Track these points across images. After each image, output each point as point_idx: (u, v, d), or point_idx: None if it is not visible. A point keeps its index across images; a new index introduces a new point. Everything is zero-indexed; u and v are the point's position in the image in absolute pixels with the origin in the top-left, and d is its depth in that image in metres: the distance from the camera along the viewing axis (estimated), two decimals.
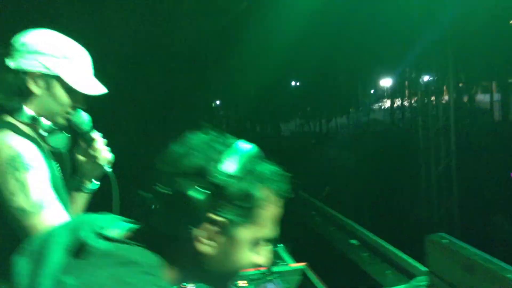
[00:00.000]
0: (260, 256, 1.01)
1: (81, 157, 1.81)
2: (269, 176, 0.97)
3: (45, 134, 1.63)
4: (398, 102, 26.51)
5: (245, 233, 0.96)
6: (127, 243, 0.94)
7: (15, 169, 1.45)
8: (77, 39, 1.71)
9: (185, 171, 0.92)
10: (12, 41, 1.63)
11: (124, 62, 9.66)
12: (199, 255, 0.94)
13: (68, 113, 1.68)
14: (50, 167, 1.58)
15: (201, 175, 0.91)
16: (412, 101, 21.88)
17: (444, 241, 1.61)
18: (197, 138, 0.97)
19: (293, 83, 22.27)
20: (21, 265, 0.96)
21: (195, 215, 0.91)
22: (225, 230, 0.94)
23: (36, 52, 1.59)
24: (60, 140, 1.67)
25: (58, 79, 1.62)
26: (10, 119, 1.59)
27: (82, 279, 0.88)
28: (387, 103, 27.69)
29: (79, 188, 1.83)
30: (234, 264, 0.98)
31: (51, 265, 0.93)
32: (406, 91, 23.92)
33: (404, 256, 2.26)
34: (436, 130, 8.28)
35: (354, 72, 20.91)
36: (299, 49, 14.16)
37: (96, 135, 1.79)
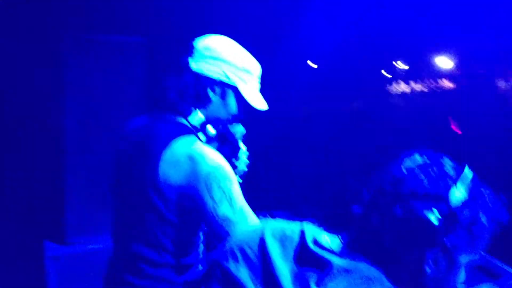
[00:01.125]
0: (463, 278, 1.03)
1: None
2: (491, 203, 0.98)
3: (204, 138, 1.65)
4: None
5: (463, 257, 0.98)
6: (353, 258, 0.95)
7: (219, 179, 1.46)
8: None
9: (425, 195, 0.92)
10: (194, 43, 1.61)
11: None
12: (418, 274, 0.96)
13: (228, 122, 1.70)
14: None
15: (439, 200, 0.92)
16: None
17: None
18: (421, 160, 0.98)
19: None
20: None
21: (430, 238, 0.92)
22: (449, 253, 0.95)
23: (220, 59, 1.59)
24: (214, 147, 1.68)
25: (235, 89, 1.63)
26: (182, 120, 1.59)
27: None
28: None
29: None
30: (446, 285, 0.99)
31: (282, 274, 0.95)
32: None
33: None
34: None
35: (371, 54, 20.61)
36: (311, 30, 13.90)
37: (243, 146, 1.83)
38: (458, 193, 0.93)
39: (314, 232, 1.03)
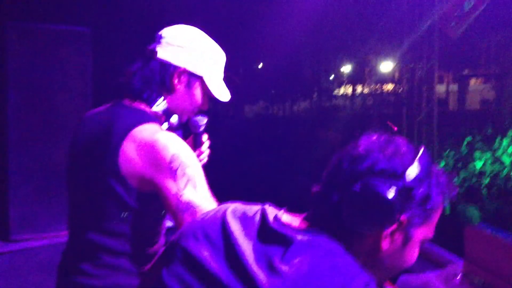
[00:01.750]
0: (416, 256, 1.06)
1: None
2: (442, 180, 1.02)
3: (168, 127, 1.60)
4: (359, 89, 26.89)
5: (419, 234, 1.01)
6: (315, 234, 0.96)
7: (183, 165, 1.42)
8: None
9: (380, 172, 0.96)
10: (163, 32, 1.58)
11: None
12: (376, 250, 0.99)
13: (193, 112, 1.67)
14: None
15: (395, 177, 0.95)
16: (374, 89, 22.23)
17: (484, 230, 1.58)
18: (377, 140, 1.02)
19: (259, 65, 22.15)
20: (201, 253, 0.98)
21: (386, 214, 0.94)
22: (404, 229, 0.98)
23: (188, 49, 1.58)
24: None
25: (201, 80, 1.61)
26: (145, 107, 1.56)
27: (296, 266, 0.90)
28: (347, 90, 27.99)
29: None
30: (403, 261, 1.03)
31: (245, 252, 0.95)
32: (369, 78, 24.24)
33: (429, 244, 2.24)
34: (419, 119, 8.38)
35: (318, 57, 21.04)
36: (265, 30, 14.09)
37: (205, 138, 1.80)
38: (413, 171, 0.96)
39: (274, 212, 1.04)
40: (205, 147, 1.82)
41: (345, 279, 0.88)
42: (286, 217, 1.03)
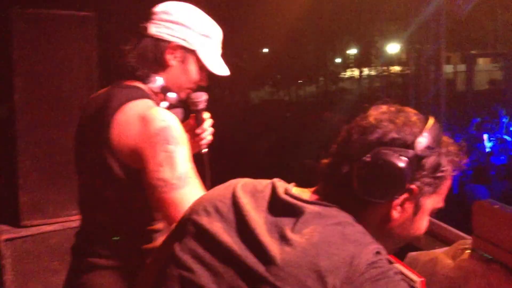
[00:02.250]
0: (426, 226, 1.07)
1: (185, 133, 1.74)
2: (452, 149, 1.02)
3: (166, 104, 1.59)
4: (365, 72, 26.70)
5: (428, 203, 1.02)
6: (325, 205, 0.97)
7: (165, 141, 1.41)
8: None
9: (391, 141, 0.96)
10: (155, 8, 1.57)
11: None
12: (387, 219, 1.00)
13: (191, 89, 1.66)
14: None
15: (405, 146, 0.96)
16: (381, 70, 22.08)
17: (493, 205, 1.58)
18: (387, 110, 1.02)
19: (264, 50, 22.02)
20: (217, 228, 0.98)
21: (397, 183, 0.95)
22: (415, 198, 0.99)
23: (179, 24, 1.56)
24: (177, 114, 1.58)
25: (194, 54, 1.59)
26: (141, 85, 1.56)
27: (307, 236, 0.90)
28: (354, 72, 27.80)
29: None
30: (413, 230, 1.04)
31: (257, 224, 0.95)
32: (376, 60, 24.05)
33: (437, 222, 2.24)
34: (426, 100, 8.34)
35: (323, 39, 20.88)
36: (269, 15, 13.99)
37: (207, 116, 1.77)
38: (423, 140, 0.97)
39: (284, 185, 1.05)
40: (207, 125, 1.78)
41: (356, 248, 0.88)
42: (296, 190, 1.04)
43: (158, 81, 1.57)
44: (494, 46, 23.56)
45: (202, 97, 1.71)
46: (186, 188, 1.39)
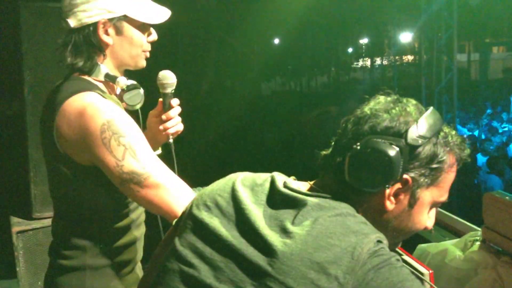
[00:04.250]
0: (430, 220, 1.04)
1: (153, 119, 1.65)
2: (453, 140, 1.00)
3: (121, 90, 1.50)
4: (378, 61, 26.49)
5: (427, 195, 0.99)
6: (324, 197, 0.97)
7: (116, 134, 1.33)
8: None
9: (383, 131, 0.95)
10: (62, 2, 1.44)
11: None
12: (381, 210, 0.98)
13: (146, 51, 1.53)
14: None
15: (397, 135, 0.95)
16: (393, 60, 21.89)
17: (503, 197, 1.56)
18: (384, 101, 1.01)
19: (275, 41, 21.93)
20: (215, 224, 0.98)
21: (387, 171, 0.93)
22: (410, 189, 0.97)
23: (92, 0, 1.41)
24: (136, 97, 1.52)
25: (126, 18, 1.45)
26: (89, 78, 1.47)
27: (307, 228, 0.90)
28: (366, 62, 27.61)
29: None
30: (411, 223, 1.01)
31: (256, 218, 0.95)
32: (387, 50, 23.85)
33: (447, 213, 2.22)
34: (439, 89, 8.25)
35: (334, 29, 20.74)
36: (280, 6, 13.92)
37: (175, 102, 1.62)
38: (416, 129, 0.95)
39: (283, 178, 1.04)
40: (175, 113, 1.63)
41: (357, 238, 0.88)
42: (295, 183, 1.04)
43: (101, 69, 1.47)
44: (509, 34, 23.22)
45: (170, 79, 1.60)
46: (158, 172, 1.35)
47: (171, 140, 1.64)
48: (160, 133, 1.63)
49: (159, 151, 1.70)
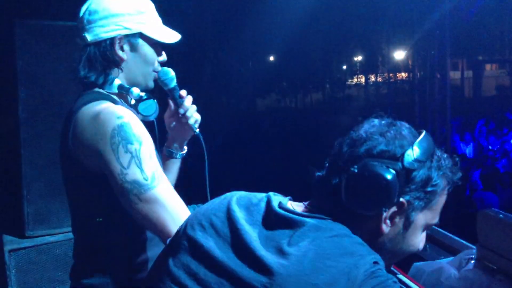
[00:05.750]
0: (422, 242, 1.06)
1: (170, 120, 1.71)
2: (445, 164, 1.01)
3: (134, 101, 1.55)
4: (372, 79, 26.66)
5: (420, 218, 1.01)
6: (320, 218, 0.96)
7: (126, 141, 1.34)
8: None
9: (379, 154, 0.96)
10: (80, 14, 1.50)
11: None
12: (377, 233, 0.98)
13: (155, 71, 1.59)
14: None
15: (394, 158, 0.95)
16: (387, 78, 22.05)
17: (497, 215, 1.56)
18: (378, 124, 1.02)
19: (270, 58, 22.04)
20: (209, 244, 0.97)
21: (383, 195, 0.93)
22: (405, 212, 0.98)
23: (111, 16, 1.48)
24: (150, 107, 1.56)
25: (141, 36, 1.52)
26: (102, 91, 1.51)
27: (304, 249, 0.89)
28: (360, 79, 27.78)
29: (171, 155, 1.74)
30: (405, 246, 1.02)
31: (251, 238, 0.94)
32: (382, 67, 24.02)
33: (443, 231, 2.22)
34: (432, 107, 8.31)
35: (329, 46, 20.90)
36: (274, 24, 14.03)
37: (184, 92, 1.67)
38: (412, 153, 0.96)
39: (279, 198, 1.04)
40: (188, 102, 1.67)
41: (353, 259, 0.88)
42: (291, 203, 1.04)
43: (114, 83, 1.51)
44: (501, 52, 23.46)
45: (170, 73, 1.64)
46: (159, 185, 1.34)
47: (197, 131, 1.69)
48: (183, 128, 1.69)
49: (185, 149, 1.76)
